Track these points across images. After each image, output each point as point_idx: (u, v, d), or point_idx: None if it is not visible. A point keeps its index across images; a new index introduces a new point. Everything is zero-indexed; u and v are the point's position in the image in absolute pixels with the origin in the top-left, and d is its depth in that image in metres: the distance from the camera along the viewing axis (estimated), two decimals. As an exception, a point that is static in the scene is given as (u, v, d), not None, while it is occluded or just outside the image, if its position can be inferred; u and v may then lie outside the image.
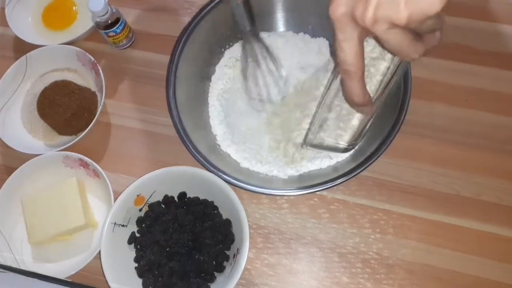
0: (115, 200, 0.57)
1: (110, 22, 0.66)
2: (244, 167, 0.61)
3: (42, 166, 0.63)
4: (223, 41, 0.68)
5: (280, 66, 0.62)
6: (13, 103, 0.70)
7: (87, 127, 0.64)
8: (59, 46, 0.69)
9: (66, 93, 0.66)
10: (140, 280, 0.56)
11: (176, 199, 0.59)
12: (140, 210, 0.59)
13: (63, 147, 0.63)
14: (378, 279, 0.57)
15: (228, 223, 0.57)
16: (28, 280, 0.52)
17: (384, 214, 0.59)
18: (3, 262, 0.58)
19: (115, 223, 0.56)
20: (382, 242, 0.58)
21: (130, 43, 0.72)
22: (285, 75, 0.62)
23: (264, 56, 0.61)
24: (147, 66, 0.71)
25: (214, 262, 0.55)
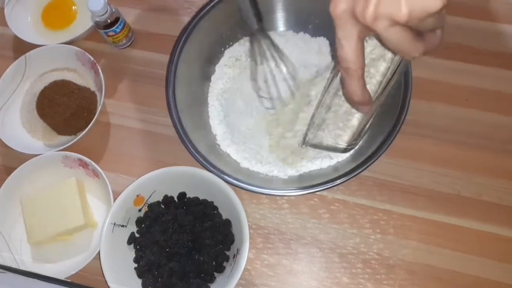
0: (114, 200, 0.57)
1: (109, 21, 0.66)
2: (244, 167, 0.61)
3: (42, 166, 0.63)
4: (223, 41, 0.68)
5: (289, 62, 0.62)
6: (12, 103, 0.69)
7: (87, 127, 0.64)
8: (59, 46, 0.69)
9: (65, 92, 0.65)
10: (140, 281, 0.56)
11: (176, 199, 0.59)
12: (140, 210, 0.59)
13: (62, 147, 0.63)
14: (379, 279, 0.56)
15: (228, 223, 0.57)
16: (28, 281, 0.52)
17: (384, 214, 0.59)
18: (2, 262, 0.58)
19: (114, 223, 0.56)
20: (383, 243, 0.58)
21: (130, 43, 0.72)
22: (295, 72, 0.62)
23: (272, 53, 0.61)
24: (146, 66, 0.71)
25: (214, 263, 0.55)
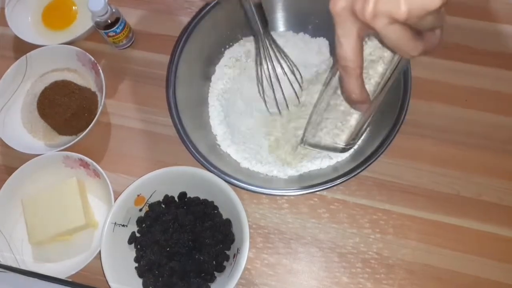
0: (115, 200, 0.57)
1: (110, 22, 0.66)
2: (244, 167, 0.61)
3: (43, 166, 0.63)
4: (223, 41, 0.68)
5: (295, 67, 0.62)
6: (13, 103, 0.70)
7: (87, 127, 0.64)
8: (59, 46, 0.69)
9: (66, 93, 0.66)
10: (140, 280, 0.56)
11: (176, 199, 0.59)
12: (140, 210, 0.59)
13: (63, 147, 0.63)
14: (378, 279, 0.57)
15: (228, 223, 0.57)
16: (29, 280, 0.52)
17: (384, 214, 0.59)
18: (3, 262, 0.58)
19: (115, 223, 0.56)
20: (382, 242, 0.58)
21: (130, 43, 0.72)
22: (300, 75, 0.62)
23: (278, 57, 0.61)
24: (147, 66, 0.71)
25: (214, 262, 0.55)
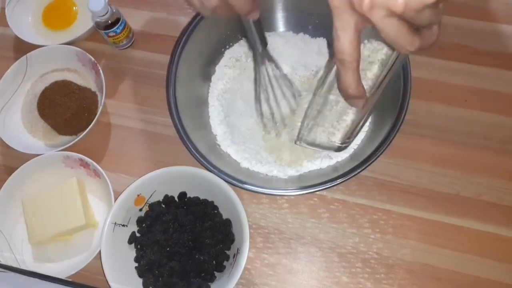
0: (115, 200, 0.57)
1: (110, 22, 0.66)
2: (244, 167, 0.61)
3: (43, 166, 0.63)
4: (223, 41, 0.68)
5: (293, 86, 0.63)
6: (13, 103, 0.70)
7: (87, 127, 0.64)
8: (59, 46, 0.69)
9: (66, 93, 0.66)
10: (141, 280, 0.56)
11: (176, 199, 0.59)
12: (141, 210, 0.59)
13: (63, 147, 0.63)
14: (378, 278, 0.57)
15: (228, 223, 0.57)
16: (29, 280, 0.52)
17: (383, 214, 0.59)
18: (3, 262, 0.58)
19: (115, 223, 0.56)
20: (382, 242, 0.58)
21: (130, 43, 0.72)
22: (297, 92, 0.62)
23: (276, 77, 0.61)
24: (147, 66, 0.71)
25: (214, 262, 0.55)
